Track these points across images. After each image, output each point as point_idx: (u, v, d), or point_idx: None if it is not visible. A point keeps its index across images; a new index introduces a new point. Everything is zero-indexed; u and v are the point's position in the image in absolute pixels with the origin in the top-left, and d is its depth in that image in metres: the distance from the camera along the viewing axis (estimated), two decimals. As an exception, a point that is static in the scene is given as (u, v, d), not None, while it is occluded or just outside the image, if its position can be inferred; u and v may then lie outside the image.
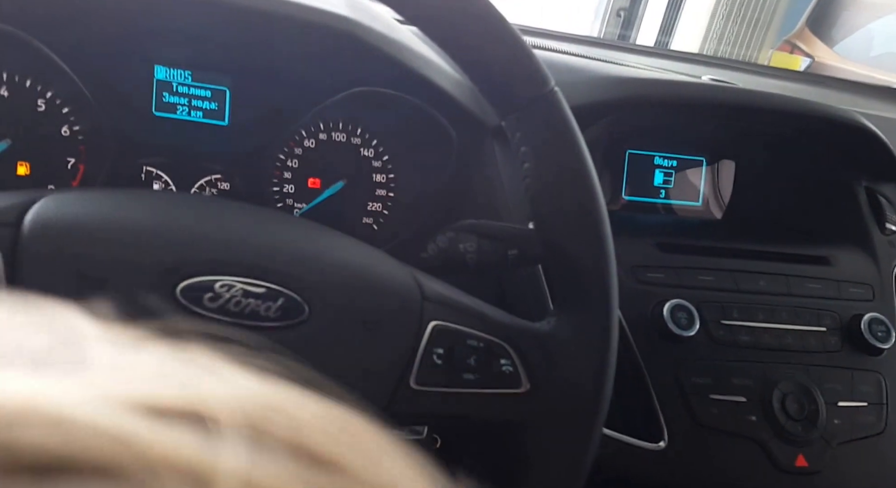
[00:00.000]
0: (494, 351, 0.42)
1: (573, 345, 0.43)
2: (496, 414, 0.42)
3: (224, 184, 0.66)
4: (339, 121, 0.67)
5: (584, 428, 0.43)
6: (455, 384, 0.41)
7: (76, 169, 0.63)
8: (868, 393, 0.63)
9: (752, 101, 0.69)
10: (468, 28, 0.41)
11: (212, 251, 0.38)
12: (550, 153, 0.43)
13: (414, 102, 0.62)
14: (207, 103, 0.65)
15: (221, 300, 0.37)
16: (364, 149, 0.69)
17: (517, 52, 0.42)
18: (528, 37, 0.93)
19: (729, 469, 0.58)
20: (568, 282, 0.44)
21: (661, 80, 0.73)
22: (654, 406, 0.58)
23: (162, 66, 0.63)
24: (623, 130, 0.71)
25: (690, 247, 0.66)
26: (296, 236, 0.41)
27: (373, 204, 0.69)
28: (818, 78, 1.18)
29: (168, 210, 0.40)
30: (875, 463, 0.62)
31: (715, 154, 0.79)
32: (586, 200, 0.43)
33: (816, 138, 0.73)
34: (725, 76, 1.00)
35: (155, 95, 0.63)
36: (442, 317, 0.41)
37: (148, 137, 0.64)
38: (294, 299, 0.38)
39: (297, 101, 0.65)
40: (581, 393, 0.42)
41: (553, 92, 0.43)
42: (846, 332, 0.65)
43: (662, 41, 1.40)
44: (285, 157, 0.67)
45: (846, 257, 0.71)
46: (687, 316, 0.60)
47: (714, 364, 0.60)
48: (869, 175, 0.75)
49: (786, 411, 0.60)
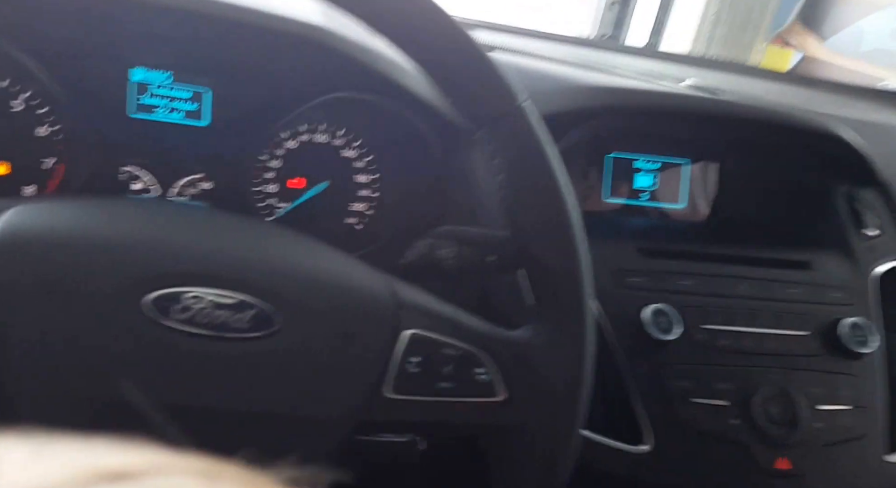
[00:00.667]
0: (471, 359, 0.41)
1: (549, 354, 0.42)
2: (473, 422, 0.42)
3: (206, 184, 0.65)
4: (322, 122, 0.67)
5: (561, 435, 0.42)
6: (431, 393, 0.40)
7: (55, 169, 0.62)
8: (849, 396, 0.63)
9: (729, 112, 0.69)
10: (436, 44, 0.41)
11: (181, 262, 0.37)
12: (523, 166, 0.43)
13: (393, 107, 0.62)
14: (187, 104, 0.64)
15: (190, 312, 0.36)
16: (347, 150, 0.68)
17: (487, 68, 0.42)
18: (518, 38, 0.92)
19: (711, 471, 0.58)
20: (543, 291, 0.44)
21: (639, 89, 0.72)
22: (636, 409, 0.58)
23: (140, 68, 0.62)
24: (604, 134, 0.71)
25: (672, 251, 0.66)
26: (268, 245, 0.41)
27: (356, 204, 0.69)
28: (805, 79, 1.19)
29: (136, 220, 0.39)
30: (857, 465, 0.61)
31: (698, 156, 0.79)
32: (559, 211, 0.43)
33: (795, 146, 0.73)
34: (713, 77, 1.00)
35: (132, 97, 0.62)
36: (417, 326, 0.41)
37: (127, 138, 0.63)
38: (265, 310, 0.37)
39: (278, 102, 0.64)
40: (558, 401, 0.42)
41: (524, 105, 0.43)
42: (826, 336, 0.65)
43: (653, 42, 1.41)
44: (267, 158, 0.66)
45: (826, 262, 0.71)
46: (668, 320, 0.59)
47: (696, 368, 0.60)
48: (847, 181, 0.75)
49: (767, 414, 0.59)
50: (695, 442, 0.58)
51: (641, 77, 0.83)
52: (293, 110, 0.64)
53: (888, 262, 0.73)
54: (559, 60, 0.81)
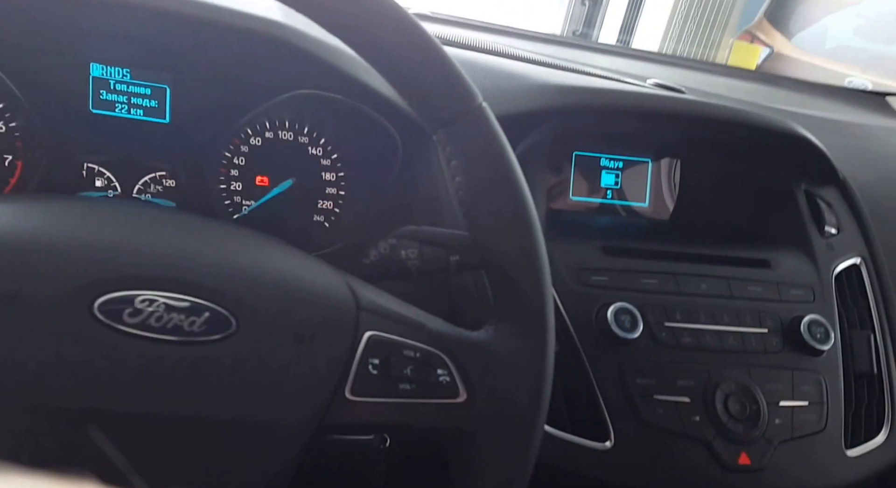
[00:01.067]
0: (431, 361, 0.41)
1: (510, 355, 0.42)
2: (434, 423, 0.41)
3: (169, 182, 0.64)
4: (286, 120, 0.66)
5: (522, 436, 0.42)
6: (391, 394, 0.40)
7: (14, 166, 0.60)
8: (808, 392, 0.64)
9: (690, 111, 0.70)
10: (392, 44, 0.40)
11: (132, 264, 0.36)
12: (479, 168, 0.42)
13: (357, 106, 0.61)
14: (147, 101, 0.62)
15: (142, 315, 0.35)
16: (312, 147, 0.67)
17: (443, 69, 0.41)
18: (485, 34, 0.92)
19: (673, 467, 0.58)
20: (504, 291, 0.43)
21: (603, 88, 0.72)
22: (600, 407, 0.58)
23: (98, 64, 0.61)
24: (569, 133, 0.71)
25: (635, 250, 0.66)
26: (224, 246, 0.40)
27: (323, 202, 0.68)
28: (770, 77, 1.20)
29: (87, 220, 0.38)
30: (815, 460, 0.62)
31: (660, 155, 0.80)
32: (516, 213, 0.42)
33: (757, 145, 0.74)
34: (681, 75, 1.00)
35: (92, 93, 0.61)
36: (378, 327, 0.40)
37: (87, 135, 0.61)
38: (220, 313, 0.36)
39: (240, 99, 0.63)
40: (518, 402, 0.42)
41: (480, 107, 0.42)
42: (786, 334, 0.65)
43: (623, 39, 1.42)
44: (231, 155, 0.65)
45: (787, 260, 0.71)
46: (630, 318, 0.59)
47: (658, 365, 0.60)
48: (808, 179, 0.76)
49: (728, 411, 0.60)
50: (656, 439, 0.58)
51: (607, 75, 0.83)
52: (256, 107, 0.63)
53: (846, 260, 0.74)
54: (527, 59, 0.81)
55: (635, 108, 0.68)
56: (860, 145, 0.93)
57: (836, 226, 0.75)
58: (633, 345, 0.60)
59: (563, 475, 0.57)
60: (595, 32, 1.29)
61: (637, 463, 0.58)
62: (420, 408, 0.41)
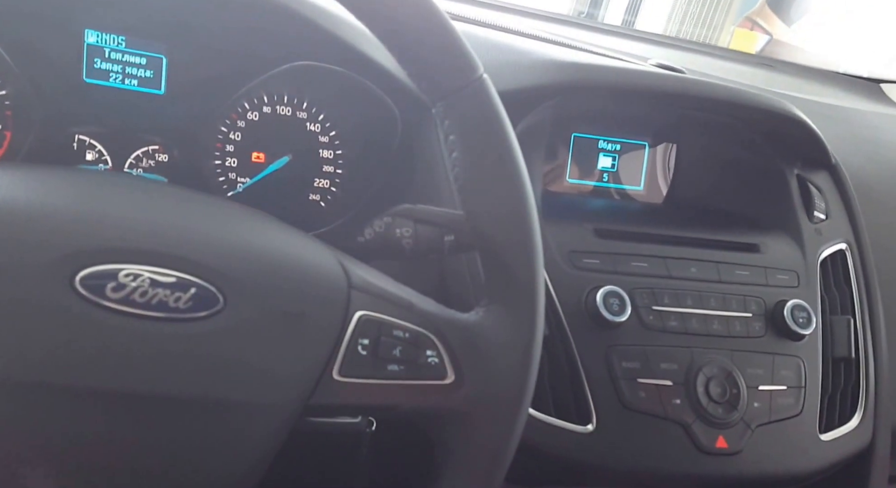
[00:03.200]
0: (421, 342, 0.40)
1: (498, 337, 0.41)
2: (422, 405, 0.41)
3: (162, 156, 0.62)
4: (284, 94, 0.64)
5: (507, 418, 0.41)
6: (380, 375, 0.39)
7: (2, 136, 0.58)
8: (788, 376, 0.64)
9: (688, 89, 0.68)
10: (393, 11, 0.38)
11: (116, 236, 0.34)
12: (477, 143, 0.41)
13: (357, 79, 0.59)
14: (142, 71, 0.60)
15: (126, 290, 0.33)
16: (311, 123, 0.65)
17: (445, 38, 0.39)
18: (492, 11, 0.90)
19: (653, 450, 0.58)
20: (495, 273, 0.42)
21: (604, 66, 0.71)
22: (584, 389, 0.58)
23: (93, 30, 0.58)
24: (569, 113, 0.69)
25: (627, 233, 0.65)
26: (211, 220, 0.38)
27: (320, 180, 0.66)
28: (769, 61, 1.18)
29: (70, 190, 0.36)
30: (791, 443, 0.63)
31: (658, 138, 0.78)
32: (513, 191, 0.41)
33: (752, 126, 0.73)
34: (682, 58, 0.98)
35: (86, 61, 0.59)
36: (368, 307, 0.39)
37: (79, 105, 0.59)
38: (207, 289, 0.35)
39: (237, 71, 0.61)
40: (505, 384, 0.41)
41: (481, 79, 0.40)
42: (770, 318, 0.65)
43: (628, 20, 1.39)
44: (227, 130, 0.63)
45: (775, 244, 0.71)
46: (619, 302, 0.59)
47: (643, 349, 0.60)
48: (801, 163, 0.75)
49: (709, 394, 0.60)
50: (637, 422, 0.58)
51: (610, 54, 0.81)
52: (254, 79, 0.61)
53: (833, 246, 0.73)
54: (530, 35, 0.79)
55: (636, 86, 0.66)
56: (854, 130, 0.92)
57: (824, 212, 0.74)
58: (620, 329, 0.59)
59: (545, 458, 0.57)
60: (601, 12, 1.26)
61: (618, 446, 0.58)
62: (408, 390, 0.40)
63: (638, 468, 0.58)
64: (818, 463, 0.63)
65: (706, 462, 0.59)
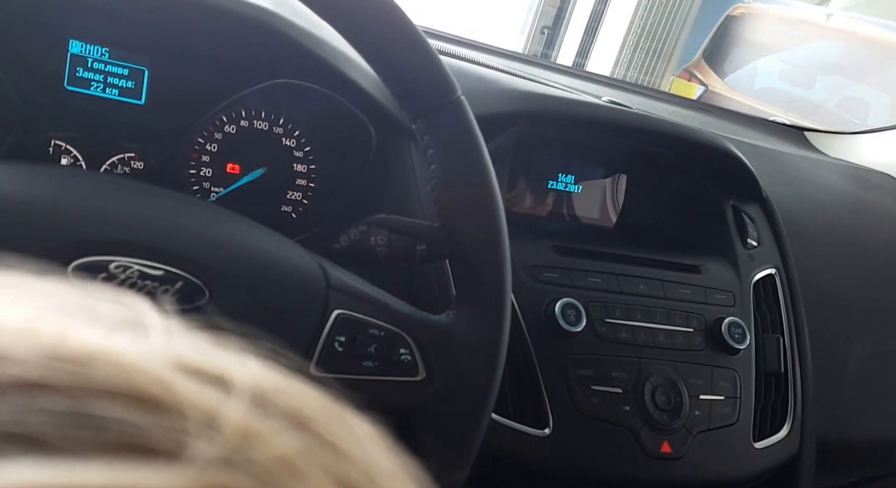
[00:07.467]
0: (394, 340, 0.41)
1: (468, 338, 0.42)
2: (393, 400, 0.41)
3: (137, 164, 0.61)
4: (262, 109, 0.64)
5: (473, 415, 0.42)
6: (355, 371, 0.40)
7: (-22, 137, 0.57)
8: (725, 387, 0.67)
9: (642, 124, 0.72)
10: (380, 33, 0.40)
11: (108, 230, 0.34)
12: (455, 157, 0.43)
13: (335, 98, 0.60)
14: (124, 81, 0.60)
15: (115, 281, 0.33)
16: (286, 138, 0.66)
17: (427, 60, 0.41)
18: (455, 46, 0.92)
19: (604, 454, 0.60)
20: (467, 279, 0.44)
21: (566, 98, 0.74)
22: (542, 394, 0.59)
23: (78, 41, 0.58)
24: (530, 140, 0.72)
25: (583, 251, 0.68)
26: (199, 218, 0.38)
27: (292, 193, 0.66)
28: (706, 106, 1.25)
29: (63, 185, 0.36)
30: (728, 450, 0.65)
31: (609, 168, 0.82)
32: (486, 203, 0.43)
33: (692, 160, 0.77)
34: (629, 99, 1.03)
35: (68, 70, 0.58)
36: (346, 306, 0.40)
37: (58, 111, 0.58)
38: (194, 283, 0.35)
39: (218, 86, 0.61)
40: (472, 382, 0.42)
41: (459, 100, 0.42)
42: (709, 333, 0.68)
43: (579, 63, 1.45)
44: (204, 141, 0.63)
45: (713, 267, 0.74)
46: (575, 313, 0.61)
47: (597, 358, 0.62)
48: (736, 195, 0.79)
49: (655, 402, 0.62)
50: (590, 427, 0.59)
51: (568, 90, 0.85)
52: (234, 94, 0.61)
53: (763, 270, 0.77)
54: (496, 68, 0.82)
55: (594, 117, 0.70)
56: (781, 169, 0.98)
57: (756, 240, 0.79)
58: (576, 338, 0.61)
59: (504, 458, 0.58)
60: (554, 53, 1.32)
61: (572, 449, 0.59)
62: (381, 385, 0.41)
63: (592, 470, 0.59)
64: (752, 468, 0.66)
65: (652, 465, 0.60)
